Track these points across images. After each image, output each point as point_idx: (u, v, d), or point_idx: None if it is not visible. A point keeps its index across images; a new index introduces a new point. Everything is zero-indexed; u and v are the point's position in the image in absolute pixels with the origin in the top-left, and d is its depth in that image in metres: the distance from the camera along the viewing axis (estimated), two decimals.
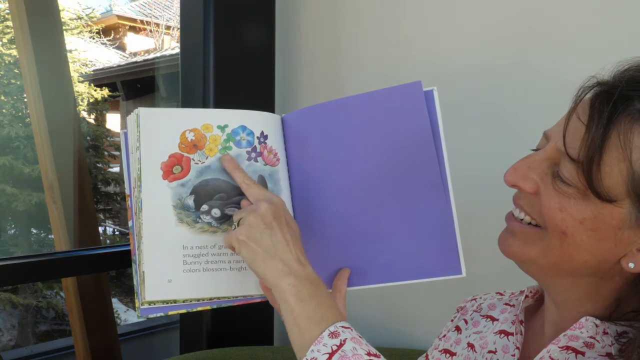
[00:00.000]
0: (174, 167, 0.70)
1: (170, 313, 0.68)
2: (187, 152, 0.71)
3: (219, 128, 0.72)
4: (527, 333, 0.70)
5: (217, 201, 0.71)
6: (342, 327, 0.59)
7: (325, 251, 0.72)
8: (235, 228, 0.68)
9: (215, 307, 0.70)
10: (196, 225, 0.70)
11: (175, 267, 0.68)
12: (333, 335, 0.58)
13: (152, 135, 0.70)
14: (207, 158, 0.71)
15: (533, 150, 0.64)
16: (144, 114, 0.70)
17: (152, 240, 0.68)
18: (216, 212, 0.71)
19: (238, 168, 0.71)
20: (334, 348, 0.57)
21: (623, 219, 0.55)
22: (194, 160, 0.71)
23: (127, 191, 0.73)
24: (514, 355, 0.67)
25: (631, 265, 0.56)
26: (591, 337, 0.58)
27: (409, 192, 0.73)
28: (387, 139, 0.73)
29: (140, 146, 0.69)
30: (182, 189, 0.70)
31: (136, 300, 0.68)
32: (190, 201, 0.70)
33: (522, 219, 0.63)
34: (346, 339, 0.57)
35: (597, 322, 0.58)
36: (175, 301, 0.68)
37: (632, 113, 0.54)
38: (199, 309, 0.70)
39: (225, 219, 0.72)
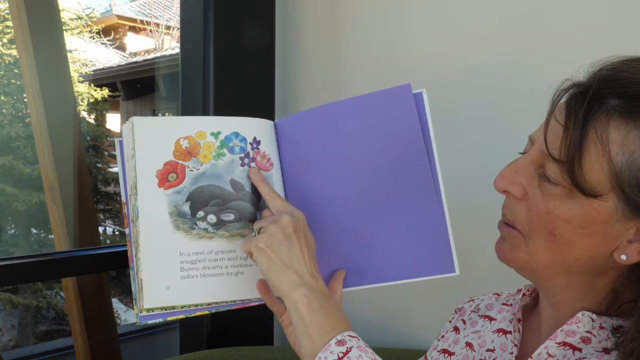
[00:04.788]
0: (169, 175, 0.71)
1: (169, 319, 0.69)
2: (181, 159, 0.71)
3: (213, 135, 0.73)
4: (524, 331, 0.70)
5: (212, 207, 0.72)
6: (349, 336, 0.62)
7: (321, 253, 0.73)
8: (255, 235, 0.70)
9: (213, 311, 0.71)
10: (192, 231, 0.71)
11: (173, 274, 0.69)
12: (340, 343, 0.61)
13: (147, 143, 0.70)
14: (201, 165, 0.72)
15: (521, 153, 0.65)
16: (139, 122, 0.71)
17: (150, 248, 0.69)
18: (212, 218, 0.72)
19: (264, 181, 0.73)
20: (340, 355, 0.59)
21: (610, 212, 0.56)
22: (188, 167, 0.72)
23: (123, 199, 0.73)
24: (512, 353, 0.68)
25: (623, 257, 0.57)
26: (588, 331, 0.59)
27: (402, 193, 0.74)
28: (378, 141, 0.74)
29: (135, 154, 0.70)
30: (177, 196, 0.71)
31: (135, 307, 0.69)
32: (186, 208, 0.71)
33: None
34: (352, 347, 0.60)
35: (594, 316, 0.59)
36: (173, 307, 0.69)
37: (607, 110, 0.55)
38: (198, 313, 0.70)
39: (221, 224, 0.72)
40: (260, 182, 0.73)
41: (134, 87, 5.86)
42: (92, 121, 5.15)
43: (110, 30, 6.48)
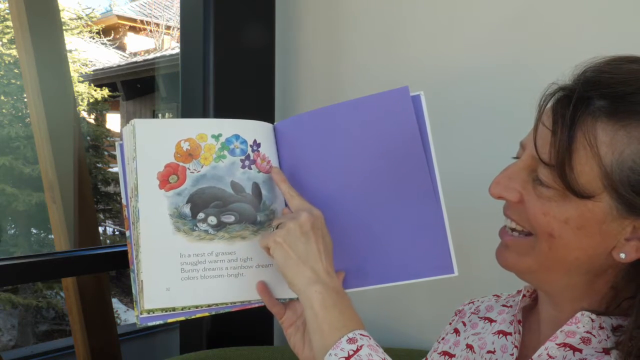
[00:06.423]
0: (170, 177, 0.71)
1: (169, 321, 0.69)
2: (182, 161, 0.72)
3: (213, 137, 0.73)
4: (524, 332, 0.70)
5: (213, 209, 0.72)
6: (360, 334, 0.63)
7: None
8: (273, 231, 0.70)
9: (213, 313, 0.71)
10: (193, 233, 0.71)
11: (173, 276, 0.69)
12: (351, 341, 0.62)
13: (148, 145, 0.71)
14: (202, 167, 0.72)
15: (514, 158, 0.66)
16: (140, 125, 0.71)
17: (150, 250, 0.69)
18: (212, 219, 0.72)
19: (285, 181, 0.75)
20: (351, 353, 0.60)
21: (605, 212, 0.56)
22: (189, 169, 0.72)
23: (123, 201, 0.74)
24: (512, 355, 0.68)
25: (622, 255, 0.57)
26: (587, 332, 0.59)
27: (400, 195, 0.74)
28: (377, 144, 0.74)
29: (136, 157, 0.70)
30: (178, 198, 0.71)
31: (135, 309, 0.69)
32: (186, 210, 0.71)
33: (513, 229, 0.64)
34: (363, 345, 0.61)
35: (593, 316, 0.59)
36: (174, 309, 0.69)
37: (593, 112, 0.56)
38: (198, 315, 0.71)
39: (222, 226, 0.72)
40: (281, 181, 0.75)
41: (134, 87, 5.86)
42: (92, 121, 5.16)
43: (110, 30, 6.48)
